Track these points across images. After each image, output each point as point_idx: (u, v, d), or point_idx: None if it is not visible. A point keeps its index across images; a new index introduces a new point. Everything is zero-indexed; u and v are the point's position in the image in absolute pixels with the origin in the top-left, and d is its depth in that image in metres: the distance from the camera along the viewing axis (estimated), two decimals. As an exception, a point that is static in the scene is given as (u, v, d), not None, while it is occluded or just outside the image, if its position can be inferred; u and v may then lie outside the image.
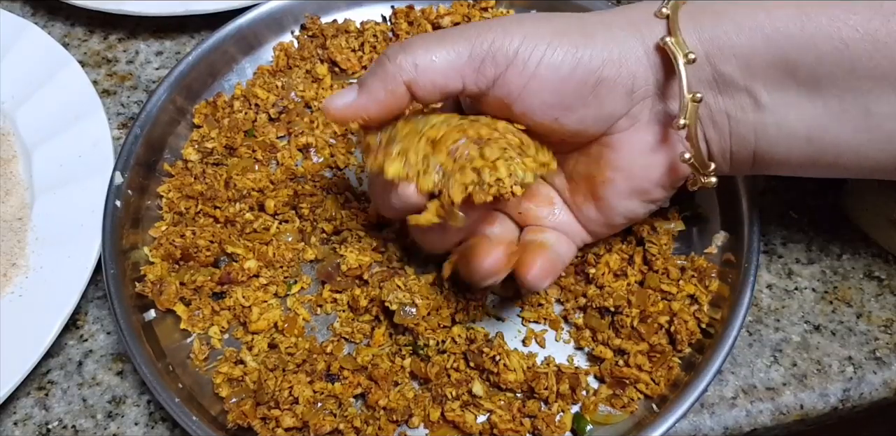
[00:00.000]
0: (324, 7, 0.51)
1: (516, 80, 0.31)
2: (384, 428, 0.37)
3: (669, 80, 0.31)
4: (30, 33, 0.51)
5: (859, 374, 0.40)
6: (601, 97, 0.31)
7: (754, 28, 0.29)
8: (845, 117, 0.30)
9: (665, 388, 0.38)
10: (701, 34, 0.30)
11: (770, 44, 0.29)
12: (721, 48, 0.30)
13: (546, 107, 0.32)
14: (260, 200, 0.44)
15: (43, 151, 0.47)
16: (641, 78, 0.31)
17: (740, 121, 0.32)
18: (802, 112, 0.30)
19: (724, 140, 0.33)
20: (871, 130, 0.30)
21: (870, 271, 0.43)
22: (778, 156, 0.32)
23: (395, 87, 0.32)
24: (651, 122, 0.33)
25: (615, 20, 0.32)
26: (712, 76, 0.31)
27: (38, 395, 0.40)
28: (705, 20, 0.30)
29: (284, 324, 0.40)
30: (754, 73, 0.30)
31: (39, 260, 0.42)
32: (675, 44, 0.30)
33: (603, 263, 0.40)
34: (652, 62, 0.31)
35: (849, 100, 0.30)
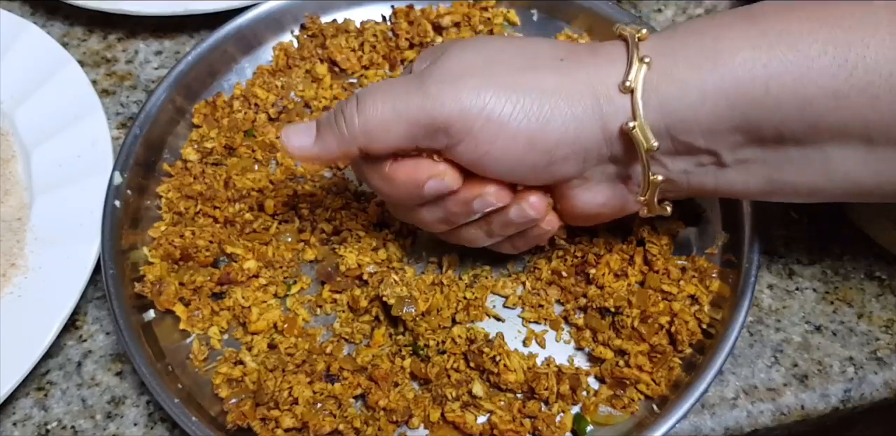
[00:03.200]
0: (324, 7, 0.51)
1: (470, 154, 0.31)
2: (384, 429, 0.37)
3: (626, 152, 0.31)
4: (29, 33, 0.51)
5: (860, 374, 0.40)
6: (552, 170, 0.32)
7: (719, 96, 0.29)
8: (804, 163, 0.30)
9: (666, 388, 0.37)
10: (664, 108, 0.29)
11: (734, 109, 0.29)
12: (684, 121, 0.30)
13: (497, 175, 0.32)
14: (260, 200, 0.44)
15: (42, 150, 0.47)
16: (594, 151, 0.32)
17: (699, 175, 0.32)
18: (762, 161, 0.31)
19: (682, 190, 0.33)
20: (829, 172, 0.30)
21: (871, 272, 0.43)
22: (736, 191, 0.33)
23: (348, 149, 0.32)
24: (602, 181, 0.34)
25: (574, 87, 0.30)
26: (672, 146, 0.31)
27: (37, 395, 0.40)
28: (669, 93, 0.29)
29: (284, 324, 0.40)
30: (717, 139, 0.30)
31: (38, 260, 0.42)
32: (640, 131, 0.30)
33: (603, 263, 0.40)
34: (608, 140, 0.31)
35: (809, 149, 0.30)
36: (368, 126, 0.31)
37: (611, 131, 0.31)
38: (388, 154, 0.33)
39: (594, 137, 0.31)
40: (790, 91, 0.28)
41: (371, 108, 0.31)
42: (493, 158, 0.31)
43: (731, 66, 0.28)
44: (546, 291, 0.41)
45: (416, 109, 0.31)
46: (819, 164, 0.30)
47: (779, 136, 0.29)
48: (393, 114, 0.31)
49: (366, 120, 0.31)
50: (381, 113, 0.31)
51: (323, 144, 0.33)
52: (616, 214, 0.36)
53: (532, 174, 0.32)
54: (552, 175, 0.32)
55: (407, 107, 0.31)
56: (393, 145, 0.32)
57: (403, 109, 0.31)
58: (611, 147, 0.31)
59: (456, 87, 0.30)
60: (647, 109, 0.30)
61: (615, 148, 0.31)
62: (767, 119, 0.29)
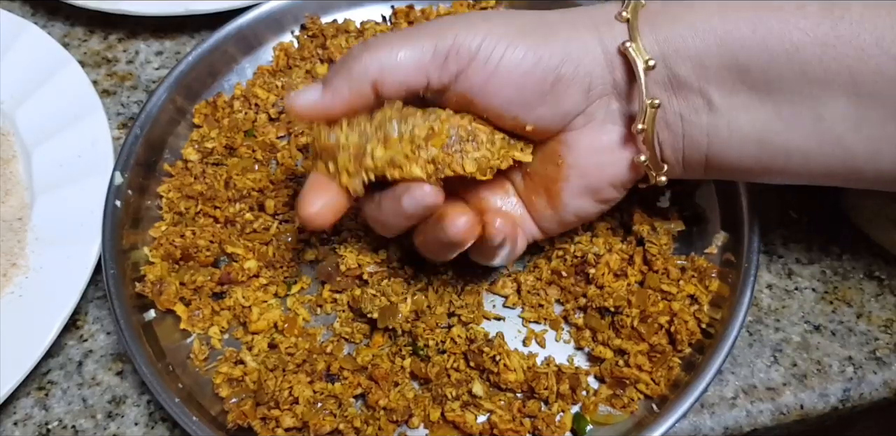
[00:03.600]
0: (324, 7, 0.51)
1: (478, 75, 0.32)
2: (384, 428, 0.37)
3: (627, 82, 0.32)
4: (29, 33, 0.51)
5: (859, 374, 0.40)
6: (559, 95, 0.32)
7: (708, 31, 0.30)
8: (796, 121, 0.31)
9: (665, 388, 0.38)
10: (657, 36, 0.31)
11: (723, 46, 0.30)
12: (676, 50, 0.31)
13: (507, 103, 0.32)
14: (260, 200, 0.44)
15: (43, 150, 0.47)
16: (598, 77, 0.32)
17: (693, 123, 0.32)
18: (754, 115, 0.31)
19: (678, 142, 0.33)
20: (820, 134, 0.30)
21: (870, 271, 0.43)
22: (729, 159, 0.33)
23: (360, 86, 0.32)
24: (606, 121, 0.34)
25: (577, 20, 0.33)
26: (667, 78, 0.32)
27: (38, 395, 0.40)
28: (663, 23, 0.31)
29: (284, 324, 0.40)
30: (707, 75, 0.31)
31: (39, 260, 0.42)
32: (636, 49, 0.31)
33: (603, 263, 0.40)
34: (609, 63, 0.32)
35: (799, 104, 0.30)
36: (380, 55, 0.32)
37: (611, 54, 0.32)
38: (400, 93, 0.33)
39: (596, 59, 0.32)
40: (777, 34, 0.29)
41: (379, 41, 0.32)
42: (499, 80, 0.31)
43: (721, 7, 0.30)
44: (546, 291, 0.41)
45: (423, 32, 0.32)
46: (810, 123, 0.30)
47: (767, 81, 0.30)
48: (401, 41, 0.32)
49: (376, 51, 0.32)
50: (389, 41, 0.32)
51: (333, 91, 0.32)
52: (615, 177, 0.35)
53: (538, 97, 0.32)
54: (558, 104, 0.32)
55: (416, 35, 0.32)
56: (405, 76, 0.32)
57: (413, 36, 0.32)
58: (612, 73, 0.32)
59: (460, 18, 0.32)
60: (643, 36, 0.31)
61: (617, 75, 0.32)
62: (755, 60, 0.30)
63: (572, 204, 0.36)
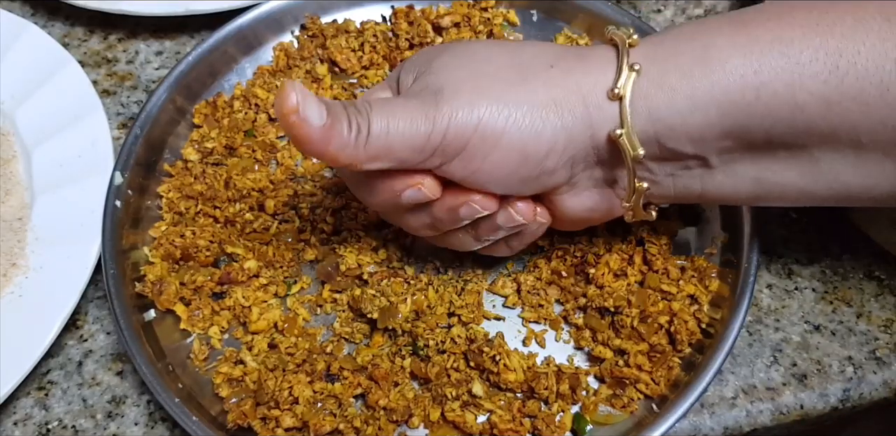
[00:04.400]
0: (324, 7, 0.51)
1: (461, 170, 0.31)
2: (384, 428, 0.37)
3: (612, 157, 0.32)
4: (29, 33, 0.51)
5: (859, 374, 0.40)
6: (542, 180, 0.32)
7: (709, 103, 0.28)
8: (793, 164, 0.30)
9: (665, 388, 0.38)
10: (652, 115, 0.29)
11: (724, 116, 0.29)
12: (673, 129, 0.29)
13: (488, 189, 0.32)
14: (260, 200, 0.44)
15: (43, 150, 0.47)
16: (583, 158, 0.32)
17: (686, 177, 0.32)
18: (751, 164, 0.31)
19: (668, 192, 0.33)
20: (817, 174, 0.30)
21: (870, 271, 0.43)
22: (724, 195, 0.33)
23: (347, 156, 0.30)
24: (589, 186, 0.34)
25: (568, 97, 0.30)
26: (660, 152, 0.31)
27: (38, 395, 0.40)
28: (658, 99, 0.29)
29: (284, 324, 0.40)
30: (706, 145, 0.30)
31: (39, 260, 0.42)
32: (627, 139, 0.30)
33: (603, 263, 0.40)
34: (597, 146, 0.31)
35: (798, 152, 0.30)
36: (373, 144, 0.30)
37: (599, 138, 0.31)
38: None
39: (583, 145, 0.31)
40: (781, 98, 0.28)
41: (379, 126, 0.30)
42: (484, 173, 0.31)
43: (721, 74, 0.28)
44: (546, 291, 0.41)
45: (420, 132, 0.30)
46: (808, 167, 0.30)
47: (768, 141, 0.29)
48: (400, 137, 0.30)
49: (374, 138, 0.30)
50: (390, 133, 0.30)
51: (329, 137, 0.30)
52: (603, 219, 0.36)
53: (523, 186, 0.32)
54: (542, 185, 0.32)
55: (412, 130, 0.30)
56: (389, 166, 0.31)
57: (408, 132, 0.30)
58: (598, 153, 0.31)
59: (451, 107, 0.30)
60: (636, 116, 0.30)
61: (602, 154, 0.31)
62: (757, 125, 0.29)
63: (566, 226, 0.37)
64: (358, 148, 0.30)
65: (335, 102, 0.30)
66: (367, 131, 0.30)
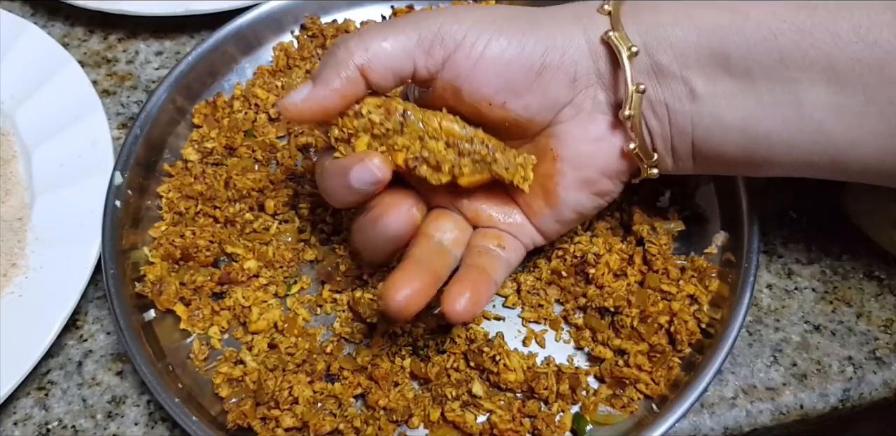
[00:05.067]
0: (324, 7, 0.51)
1: (464, 62, 0.32)
2: (384, 428, 0.37)
3: (611, 71, 0.33)
4: (29, 33, 0.51)
5: (859, 374, 0.40)
6: (545, 83, 0.33)
7: (688, 20, 0.31)
8: (777, 108, 0.31)
9: (665, 388, 0.38)
10: (639, 26, 0.32)
11: (703, 35, 0.31)
12: (658, 39, 0.32)
13: (493, 90, 0.33)
14: (260, 200, 0.44)
15: (43, 150, 0.47)
16: (583, 67, 0.33)
17: (678, 111, 0.33)
18: (736, 103, 0.32)
19: (665, 130, 0.34)
20: (801, 120, 0.31)
21: (870, 271, 0.43)
22: (714, 146, 0.33)
23: (349, 73, 0.32)
24: (594, 111, 0.34)
25: (560, 13, 0.34)
26: (650, 66, 0.32)
27: (38, 395, 0.40)
28: (644, 14, 0.32)
29: (284, 324, 0.40)
30: (689, 62, 0.32)
31: (39, 260, 0.42)
32: (619, 38, 0.32)
33: (603, 263, 0.40)
34: (594, 53, 0.33)
35: (780, 90, 0.31)
36: (365, 41, 0.32)
37: (594, 44, 0.33)
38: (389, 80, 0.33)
39: (580, 49, 0.33)
40: (755, 22, 0.30)
41: (364, 30, 0.33)
42: (485, 67, 0.32)
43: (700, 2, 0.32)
44: (546, 291, 0.41)
45: (408, 21, 0.32)
46: (790, 109, 0.31)
47: (747, 68, 0.31)
48: (387, 29, 0.32)
49: (362, 37, 0.32)
50: (375, 29, 0.32)
51: (324, 83, 0.32)
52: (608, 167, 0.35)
53: (525, 85, 0.33)
54: (546, 92, 0.33)
55: (402, 24, 0.32)
56: (393, 62, 0.32)
57: (399, 24, 0.32)
58: (597, 62, 0.33)
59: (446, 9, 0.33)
60: (625, 26, 0.32)
61: (601, 64, 0.33)
62: (735, 48, 0.31)
63: (569, 199, 0.36)
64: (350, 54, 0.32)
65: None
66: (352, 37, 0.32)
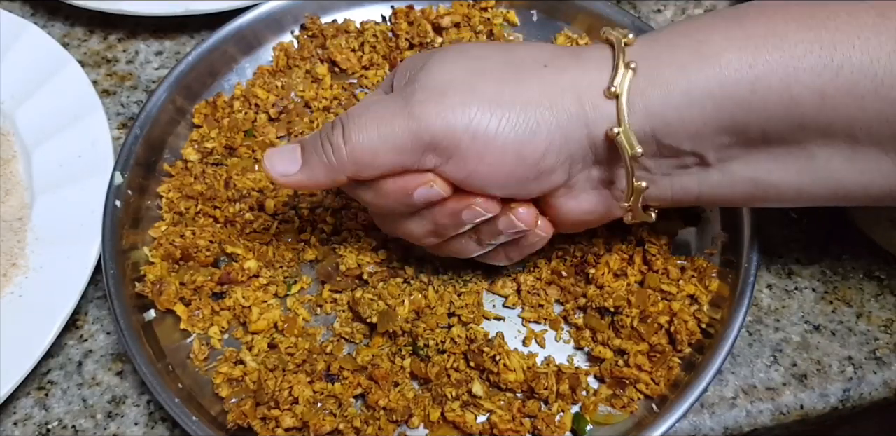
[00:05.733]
0: (324, 7, 0.51)
1: (458, 172, 0.31)
2: (384, 428, 0.37)
3: (609, 156, 0.31)
4: (29, 33, 0.51)
5: (859, 374, 0.40)
6: (541, 182, 0.32)
7: (705, 98, 0.28)
8: (790, 161, 0.30)
9: (665, 388, 0.38)
10: (648, 110, 0.29)
11: (720, 110, 0.29)
12: (670, 125, 0.29)
13: (487, 191, 0.32)
14: (260, 200, 0.44)
15: (43, 150, 0.47)
16: (580, 158, 0.32)
17: (683, 176, 0.32)
18: (747, 162, 0.31)
19: (665, 193, 0.33)
20: (813, 171, 0.30)
21: (870, 271, 0.43)
22: (721, 196, 0.33)
23: (336, 177, 0.32)
24: (587, 187, 0.34)
25: (563, 95, 0.30)
26: (657, 150, 0.31)
27: (38, 395, 0.40)
28: (654, 96, 0.29)
29: (284, 324, 0.40)
30: (703, 141, 0.30)
31: (39, 260, 0.42)
32: (625, 137, 0.30)
33: (603, 263, 0.40)
34: (593, 144, 0.31)
35: (794, 148, 0.30)
36: (356, 154, 0.31)
37: (596, 137, 0.30)
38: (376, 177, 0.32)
39: (580, 144, 0.31)
40: (776, 91, 0.28)
41: (357, 135, 0.31)
42: (482, 175, 0.31)
43: (717, 68, 0.28)
44: (546, 291, 0.41)
45: (403, 132, 0.30)
46: (804, 163, 0.30)
47: (765, 136, 0.29)
48: (380, 140, 0.30)
49: (352, 148, 0.31)
50: (367, 140, 0.31)
51: (310, 172, 0.32)
52: (601, 221, 0.36)
53: (521, 188, 0.32)
54: (540, 186, 0.32)
55: (393, 131, 0.30)
56: (382, 171, 0.31)
57: (390, 133, 0.30)
58: (596, 152, 0.31)
59: (440, 105, 0.30)
60: (633, 114, 0.29)
61: (600, 153, 0.31)
62: (754, 119, 0.29)
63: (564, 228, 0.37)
64: (342, 163, 0.31)
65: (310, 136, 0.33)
66: (344, 144, 0.31)
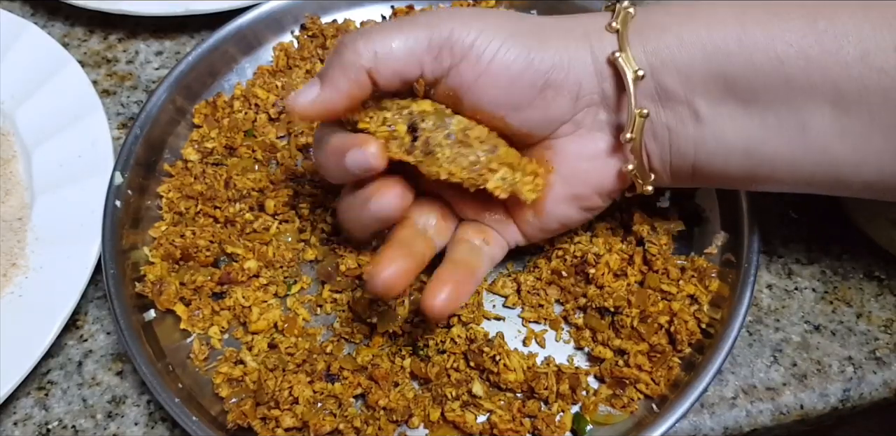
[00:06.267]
0: (324, 7, 0.51)
1: (469, 72, 0.32)
2: (384, 428, 0.37)
3: (615, 92, 0.33)
4: (29, 33, 0.51)
5: (859, 374, 0.40)
6: (547, 100, 0.32)
7: (695, 43, 0.31)
8: (781, 131, 0.31)
9: (665, 388, 0.38)
10: (646, 47, 0.31)
11: (709, 58, 0.30)
12: (664, 62, 0.31)
13: (495, 103, 0.33)
14: (260, 200, 0.44)
15: (43, 150, 0.47)
16: (587, 86, 0.32)
17: (680, 134, 0.33)
18: (740, 126, 0.31)
19: (665, 152, 0.34)
20: (805, 143, 0.31)
21: (870, 271, 0.43)
22: (716, 167, 0.33)
23: (356, 75, 0.32)
24: (593, 129, 0.34)
25: (570, 28, 0.33)
26: (655, 89, 0.32)
27: (38, 395, 0.40)
28: (651, 34, 0.31)
29: (284, 324, 0.40)
30: (694, 86, 0.31)
31: (39, 260, 0.42)
32: (625, 59, 0.31)
33: (603, 263, 0.40)
34: (599, 73, 0.32)
35: (784, 114, 0.30)
36: (373, 43, 0.31)
37: (601, 64, 0.32)
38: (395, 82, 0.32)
39: (586, 68, 0.32)
40: (762, 48, 0.29)
41: (373, 30, 0.32)
42: (490, 79, 0.32)
43: (708, 20, 0.31)
44: (546, 291, 0.41)
45: (418, 23, 0.32)
46: (795, 132, 0.31)
47: (753, 92, 0.30)
48: (396, 30, 0.32)
49: (370, 39, 0.32)
50: (383, 29, 0.32)
51: (331, 84, 0.32)
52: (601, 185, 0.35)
53: (527, 100, 0.32)
54: (547, 108, 0.33)
55: (411, 26, 0.32)
56: (400, 65, 0.32)
57: (407, 26, 0.32)
58: (601, 82, 0.32)
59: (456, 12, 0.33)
60: (632, 46, 0.31)
61: (605, 85, 0.32)
62: (741, 72, 0.30)
63: (557, 210, 0.36)
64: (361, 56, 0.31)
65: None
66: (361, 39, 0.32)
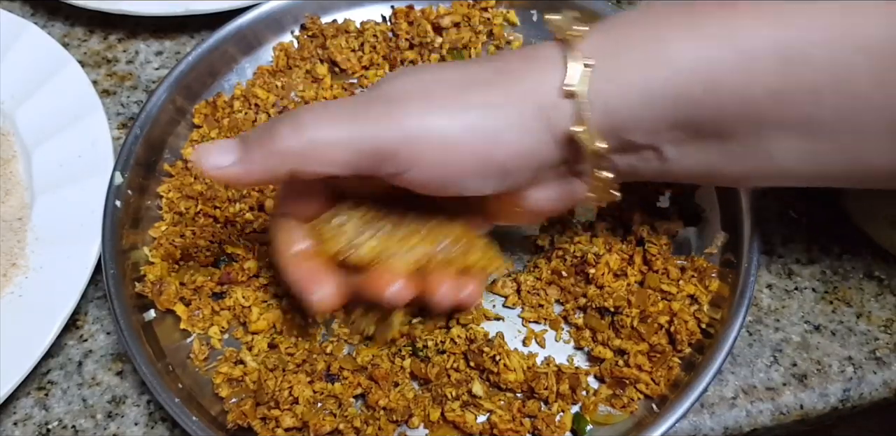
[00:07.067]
0: (324, 7, 0.51)
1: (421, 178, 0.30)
2: (384, 428, 0.37)
3: (575, 154, 0.31)
4: (29, 33, 0.51)
5: (859, 374, 0.40)
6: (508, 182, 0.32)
7: (664, 97, 0.28)
8: (746, 158, 0.30)
9: (665, 388, 0.38)
10: (607, 108, 0.29)
11: (677, 109, 0.29)
12: (625, 122, 0.29)
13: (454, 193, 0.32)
14: (260, 200, 0.44)
15: (43, 150, 0.47)
16: (548, 159, 0.31)
17: (645, 169, 0.32)
18: (705, 157, 0.31)
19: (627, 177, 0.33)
20: (769, 167, 0.30)
21: (870, 271, 0.43)
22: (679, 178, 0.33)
23: (276, 173, 0.30)
24: (552, 180, 0.33)
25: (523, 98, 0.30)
26: (619, 144, 0.31)
27: (38, 395, 0.40)
28: (612, 94, 0.29)
29: (284, 324, 0.40)
30: (660, 136, 0.30)
31: (39, 260, 0.42)
32: (585, 136, 0.29)
33: (603, 263, 0.40)
34: (559, 145, 0.30)
35: (751, 145, 0.29)
36: (305, 145, 0.29)
37: (560, 137, 0.30)
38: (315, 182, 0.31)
39: (547, 146, 0.30)
40: (731, 91, 0.28)
41: (311, 127, 0.29)
42: (447, 180, 0.30)
43: (673, 68, 0.28)
44: (546, 291, 0.41)
45: (360, 134, 0.29)
46: (761, 159, 0.30)
47: (720, 132, 0.29)
48: (335, 136, 0.29)
49: (302, 139, 0.29)
50: (321, 134, 0.29)
51: (248, 163, 0.30)
52: (568, 206, 0.36)
53: (487, 188, 0.32)
54: (508, 186, 0.32)
55: (350, 131, 0.29)
56: (329, 171, 0.30)
57: (346, 132, 0.29)
58: (561, 151, 0.31)
59: (400, 110, 0.29)
60: (592, 111, 0.29)
61: (565, 150, 0.31)
62: (709, 117, 0.29)
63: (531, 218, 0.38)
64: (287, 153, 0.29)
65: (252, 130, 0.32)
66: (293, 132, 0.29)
